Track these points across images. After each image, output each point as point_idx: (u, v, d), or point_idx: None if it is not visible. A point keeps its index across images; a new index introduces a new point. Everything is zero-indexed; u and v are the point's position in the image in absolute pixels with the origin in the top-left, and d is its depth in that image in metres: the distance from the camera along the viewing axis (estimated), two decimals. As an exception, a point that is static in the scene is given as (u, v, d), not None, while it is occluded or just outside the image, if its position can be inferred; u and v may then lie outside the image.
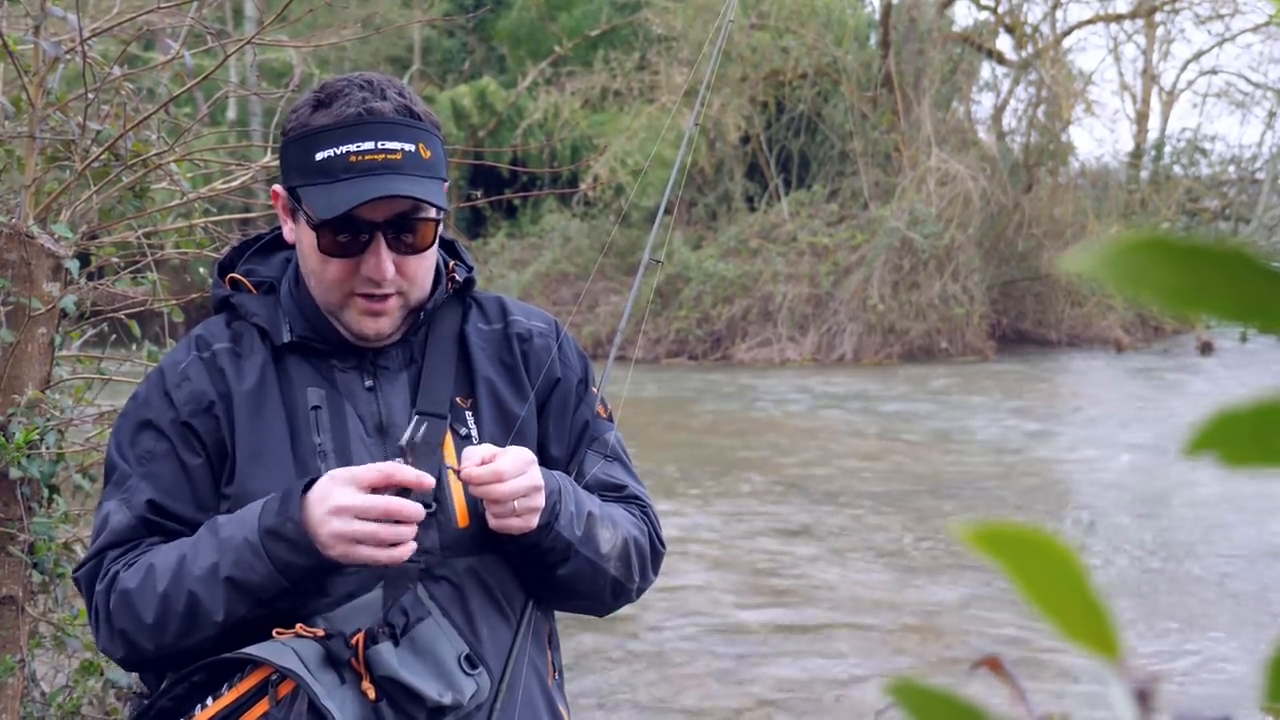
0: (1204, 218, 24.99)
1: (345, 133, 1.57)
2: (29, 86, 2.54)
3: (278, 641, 1.50)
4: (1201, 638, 5.78)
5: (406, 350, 1.69)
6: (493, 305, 1.78)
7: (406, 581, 1.56)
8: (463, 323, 1.73)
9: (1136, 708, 0.34)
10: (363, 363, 1.67)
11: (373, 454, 1.61)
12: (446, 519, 1.60)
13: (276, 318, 1.67)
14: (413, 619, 1.54)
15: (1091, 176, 24.50)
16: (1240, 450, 0.33)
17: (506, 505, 1.53)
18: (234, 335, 1.68)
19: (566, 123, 21.59)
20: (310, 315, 1.66)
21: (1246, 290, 0.32)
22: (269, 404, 1.62)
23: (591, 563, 1.63)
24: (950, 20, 23.35)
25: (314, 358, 1.66)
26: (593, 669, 5.28)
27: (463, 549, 1.60)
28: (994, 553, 0.34)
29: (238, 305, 1.69)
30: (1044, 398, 15.39)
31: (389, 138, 1.57)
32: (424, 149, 1.59)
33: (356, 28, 6.93)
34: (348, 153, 1.56)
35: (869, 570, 7.01)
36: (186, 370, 1.65)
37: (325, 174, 1.56)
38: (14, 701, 2.50)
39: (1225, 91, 26.70)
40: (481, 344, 1.73)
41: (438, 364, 1.68)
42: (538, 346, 1.75)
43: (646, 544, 1.73)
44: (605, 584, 1.67)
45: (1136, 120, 26.17)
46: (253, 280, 1.71)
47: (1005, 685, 0.43)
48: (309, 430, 1.61)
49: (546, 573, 1.63)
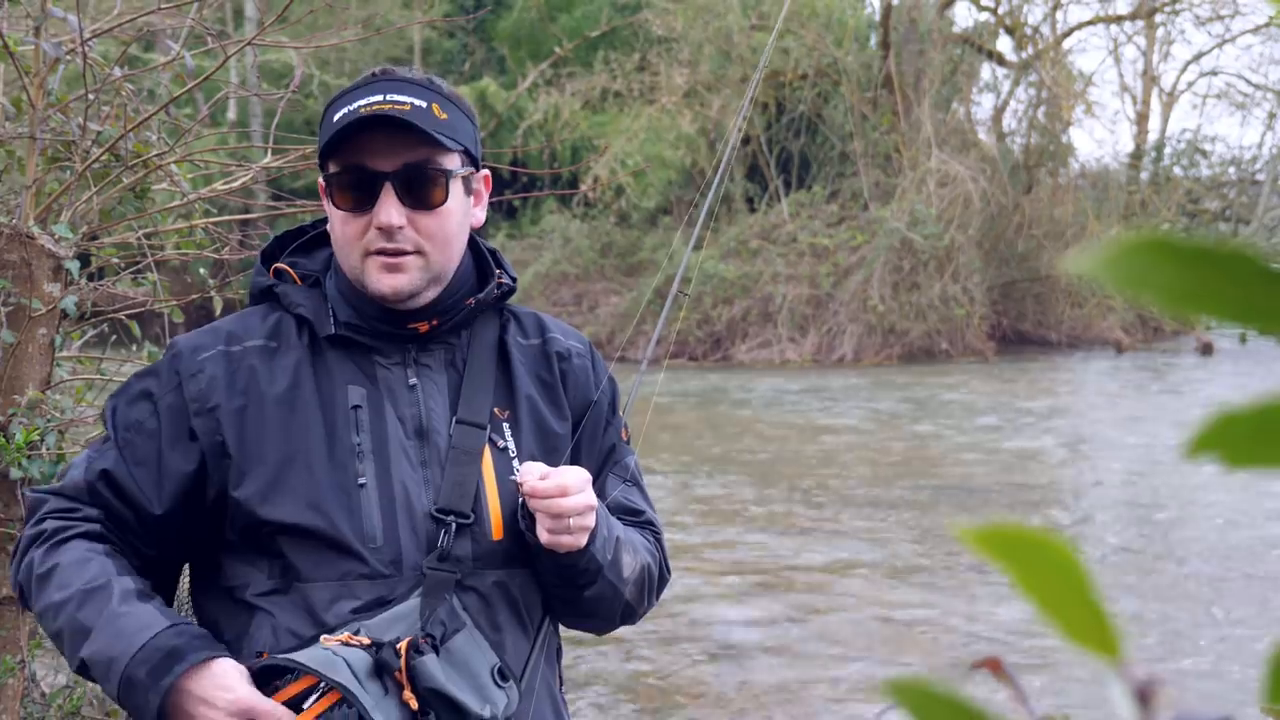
0: (1204, 219, 25.01)
1: (358, 92, 1.59)
2: (30, 87, 2.54)
3: (327, 650, 1.47)
4: (1201, 638, 5.78)
5: (449, 351, 1.68)
6: (530, 320, 1.78)
7: (444, 592, 1.55)
8: (502, 333, 1.73)
9: (1137, 708, 0.34)
10: (406, 358, 1.65)
11: (411, 458, 1.59)
12: (481, 531, 1.59)
13: (322, 309, 1.65)
14: (450, 630, 1.52)
15: (1091, 178, 24.51)
16: (1241, 451, 0.33)
17: (563, 521, 1.53)
18: (271, 329, 1.65)
19: (566, 124, 21.61)
20: (352, 301, 1.64)
21: (1248, 291, 0.32)
22: (304, 404, 1.59)
23: (614, 586, 1.64)
24: (950, 21, 23.36)
25: (356, 353, 1.64)
26: (590, 668, 5.28)
27: (494, 562, 1.60)
28: (995, 554, 0.34)
29: (282, 295, 1.66)
30: (1044, 398, 15.39)
31: (399, 92, 1.59)
32: (439, 110, 1.60)
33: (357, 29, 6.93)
34: (358, 106, 1.57)
35: (869, 571, 7.01)
36: (205, 362, 1.61)
37: (337, 129, 1.58)
38: (14, 702, 2.50)
39: (1225, 93, 26.75)
40: (522, 358, 1.72)
41: (478, 372, 1.67)
42: (576, 367, 1.75)
43: (656, 571, 1.75)
44: (619, 607, 1.68)
45: (1137, 121, 26.19)
46: (298, 272, 1.69)
47: (1005, 686, 0.43)
48: (348, 429, 1.58)
49: (574, 593, 1.63)
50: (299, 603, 1.54)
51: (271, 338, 1.63)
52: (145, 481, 1.59)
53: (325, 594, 1.54)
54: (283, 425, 1.57)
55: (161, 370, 1.63)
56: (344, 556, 1.54)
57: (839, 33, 22.09)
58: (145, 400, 1.62)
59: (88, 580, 1.51)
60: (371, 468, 1.57)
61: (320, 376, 1.62)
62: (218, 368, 1.60)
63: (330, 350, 1.63)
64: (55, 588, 1.52)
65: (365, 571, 1.54)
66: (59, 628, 1.51)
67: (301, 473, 1.56)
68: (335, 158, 1.60)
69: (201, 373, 1.60)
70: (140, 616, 1.48)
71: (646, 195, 21.82)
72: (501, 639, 1.58)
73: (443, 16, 19.91)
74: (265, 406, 1.58)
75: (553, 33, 23.19)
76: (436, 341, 1.67)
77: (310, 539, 1.54)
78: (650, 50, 22.47)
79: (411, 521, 1.57)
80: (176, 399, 1.60)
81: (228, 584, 1.60)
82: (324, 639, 1.49)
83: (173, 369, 1.62)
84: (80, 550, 1.55)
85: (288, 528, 1.54)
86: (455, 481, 1.59)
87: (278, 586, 1.56)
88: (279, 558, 1.56)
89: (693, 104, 22.05)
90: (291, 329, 1.64)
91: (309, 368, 1.62)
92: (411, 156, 1.59)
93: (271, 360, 1.62)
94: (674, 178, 21.85)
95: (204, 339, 1.64)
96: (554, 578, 1.62)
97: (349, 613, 1.53)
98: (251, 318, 1.67)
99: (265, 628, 1.54)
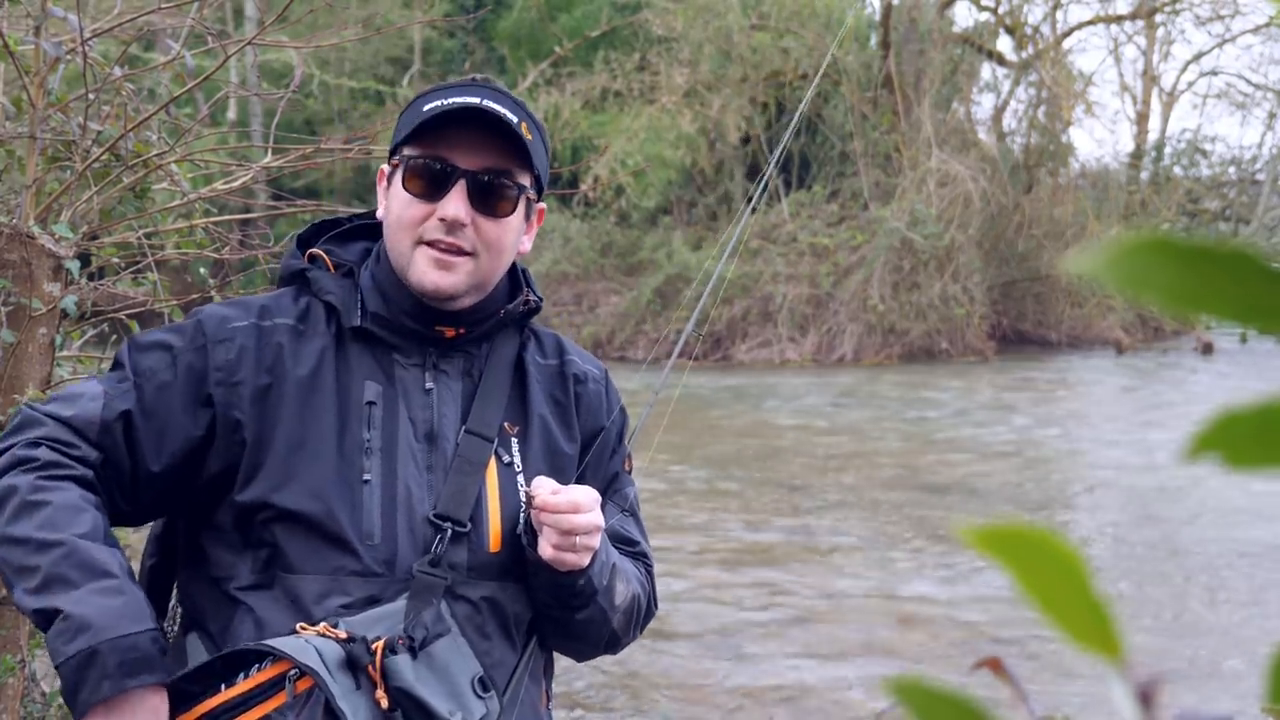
0: (1204, 219, 25.00)
1: (455, 89, 1.62)
2: (30, 87, 2.54)
3: (301, 638, 1.48)
4: (1202, 638, 5.78)
5: (468, 360, 1.68)
6: (550, 341, 1.79)
7: (432, 596, 1.54)
8: (521, 350, 1.74)
9: (1139, 708, 0.34)
10: (425, 361, 1.65)
11: (417, 461, 1.60)
12: (478, 541, 1.59)
13: (351, 299, 1.65)
14: (432, 634, 1.52)
15: (1092, 177, 24.50)
16: (1243, 451, 0.33)
17: (570, 538, 1.54)
18: (301, 312, 1.64)
19: (567, 123, 21.58)
20: (387, 291, 1.64)
21: (1250, 291, 0.32)
22: (321, 392, 1.58)
23: (605, 612, 1.65)
24: (950, 21, 23.35)
25: (378, 349, 1.64)
26: (583, 670, 5.28)
27: (489, 573, 1.60)
28: (997, 553, 0.34)
29: (313, 280, 1.66)
30: (1044, 398, 15.39)
31: (495, 101, 1.61)
32: (526, 130, 1.62)
33: (357, 28, 6.92)
34: (453, 103, 1.59)
35: (869, 571, 7.01)
36: (236, 332, 1.59)
37: (430, 115, 1.59)
38: (14, 702, 2.50)
39: (1225, 92, 26.72)
40: (539, 376, 1.73)
41: (493, 385, 1.68)
42: (590, 391, 1.77)
43: (645, 603, 1.75)
44: (606, 634, 1.69)
45: (1137, 121, 26.18)
46: (332, 260, 1.69)
47: (1006, 686, 0.43)
48: (359, 424, 1.58)
49: (566, 614, 1.64)
50: (284, 597, 1.54)
51: (301, 320, 1.63)
52: (148, 433, 1.56)
53: (315, 587, 1.53)
54: (298, 411, 1.57)
55: (186, 329, 1.61)
56: (339, 551, 1.54)
57: (839, 32, 22.08)
58: (163, 350, 1.59)
59: (83, 532, 1.46)
60: (378, 465, 1.57)
61: (340, 367, 1.62)
62: (249, 339, 1.59)
63: (353, 343, 1.63)
64: (40, 523, 1.45)
65: (358, 568, 1.54)
66: (31, 564, 1.44)
67: (308, 461, 1.55)
68: (416, 144, 1.61)
69: (231, 341, 1.58)
70: (138, 605, 1.45)
71: (646, 195, 21.80)
72: (488, 649, 1.58)
73: (443, 16, 19.90)
74: (286, 388, 1.57)
75: (553, 32, 23.17)
76: (457, 349, 1.68)
77: (307, 528, 1.54)
78: (650, 50, 22.45)
79: (410, 523, 1.57)
80: (198, 360, 1.58)
81: (214, 574, 1.59)
82: (300, 627, 1.49)
83: (199, 330, 1.60)
84: (74, 495, 1.49)
85: (287, 514, 1.54)
86: (456, 489, 1.60)
87: (260, 581, 1.55)
88: (268, 546, 1.55)
89: (693, 104, 22.04)
90: (320, 315, 1.64)
91: (331, 356, 1.62)
92: (492, 162, 1.61)
93: (298, 342, 1.61)
94: (674, 178, 21.84)
95: (234, 310, 1.63)
96: (548, 597, 1.62)
97: (337, 609, 1.52)
98: (283, 298, 1.67)
99: (247, 622, 1.54)
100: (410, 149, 1.62)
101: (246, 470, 1.56)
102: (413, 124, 1.61)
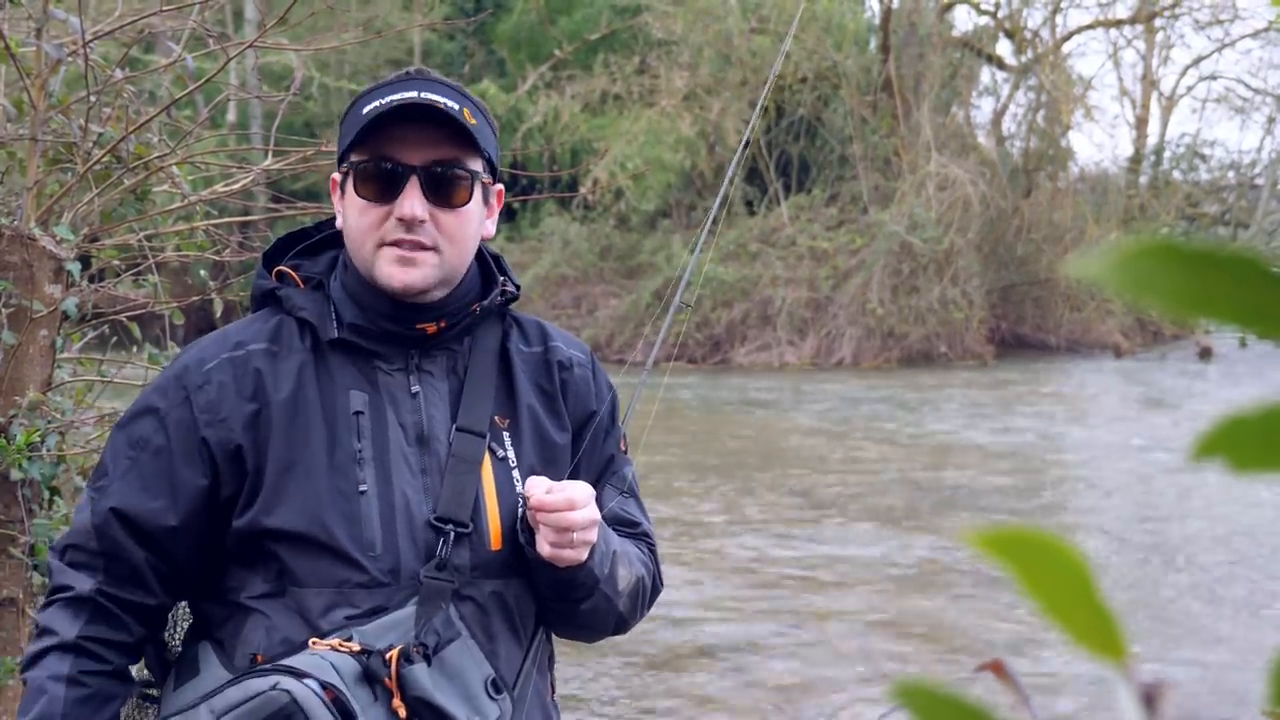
0: (1203, 223, 25.03)
1: (391, 87, 1.61)
2: (31, 89, 2.54)
3: (315, 654, 1.47)
4: (1203, 641, 5.78)
5: (451, 357, 1.67)
6: (533, 328, 1.77)
7: (441, 601, 1.54)
8: (504, 340, 1.72)
9: (1143, 711, 0.34)
10: (409, 364, 1.64)
11: (411, 465, 1.59)
12: (479, 540, 1.58)
13: (325, 312, 1.64)
14: (444, 640, 1.52)
15: (1091, 181, 24.52)
16: (1247, 455, 0.33)
17: (567, 536, 1.53)
18: (272, 332, 1.63)
19: (566, 126, 21.60)
20: (360, 298, 1.64)
21: (1253, 296, 0.32)
22: (307, 408, 1.58)
23: (609, 599, 1.64)
24: (950, 25, 23.38)
25: (359, 358, 1.63)
26: (586, 670, 5.28)
27: (492, 571, 1.59)
28: (1001, 556, 0.34)
29: (284, 299, 1.65)
30: (1043, 402, 15.39)
31: (432, 92, 1.60)
32: (469, 115, 1.61)
33: (357, 31, 6.93)
34: (390, 100, 1.58)
35: (870, 573, 7.01)
36: (211, 372, 1.59)
37: (369, 119, 1.59)
38: (15, 703, 2.50)
39: (1225, 97, 26.74)
40: (523, 365, 1.72)
41: (479, 379, 1.67)
42: (576, 376, 1.75)
43: (650, 583, 1.75)
44: (612, 620, 1.69)
45: (1136, 125, 26.20)
46: (301, 275, 1.69)
47: (1009, 689, 0.43)
48: (349, 435, 1.58)
49: (570, 606, 1.63)
50: (293, 607, 1.54)
51: (273, 341, 1.62)
52: (158, 499, 1.57)
53: (320, 600, 1.53)
54: (286, 430, 1.56)
55: (167, 387, 1.62)
56: (342, 564, 1.53)
57: (838, 36, 22.10)
58: (150, 416, 1.60)
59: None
60: (373, 475, 1.56)
61: (322, 381, 1.61)
62: (225, 374, 1.59)
63: (332, 354, 1.62)
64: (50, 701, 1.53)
65: (363, 580, 1.53)
66: (46, 713, 1.52)
67: (300, 479, 1.55)
68: (361, 148, 1.61)
69: (209, 384, 1.59)
70: None
71: (646, 198, 21.81)
72: (495, 648, 1.58)
73: (443, 19, 19.89)
74: (272, 411, 1.57)
75: (552, 35, 23.19)
76: (440, 347, 1.66)
77: (308, 546, 1.53)
78: (650, 53, 22.47)
79: (411, 530, 1.56)
80: (185, 413, 1.58)
81: (227, 584, 1.59)
82: (313, 643, 1.49)
83: (179, 384, 1.60)
84: (57, 663, 1.55)
85: (286, 534, 1.53)
86: (455, 490, 1.59)
87: (273, 590, 1.55)
88: (275, 561, 1.55)
89: (692, 107, 22.06)
90: (294, 332, 1.63)
91: (311, 372, 1.61)
92: (440, 154, 1.60)
93: (275, 363, 1.60)
94: (673, 181, 21.85)
95: (206, 350, 1.63)
96: (550, 591, 1.62)
97: (344, 619, 1.52)
98: (255, 323, 1.66)
99: (259, 629, 1.54)
100: (357, 154, 1.61)
101: (246, 496, 1.56)
102: (355, 128, 1.59)
